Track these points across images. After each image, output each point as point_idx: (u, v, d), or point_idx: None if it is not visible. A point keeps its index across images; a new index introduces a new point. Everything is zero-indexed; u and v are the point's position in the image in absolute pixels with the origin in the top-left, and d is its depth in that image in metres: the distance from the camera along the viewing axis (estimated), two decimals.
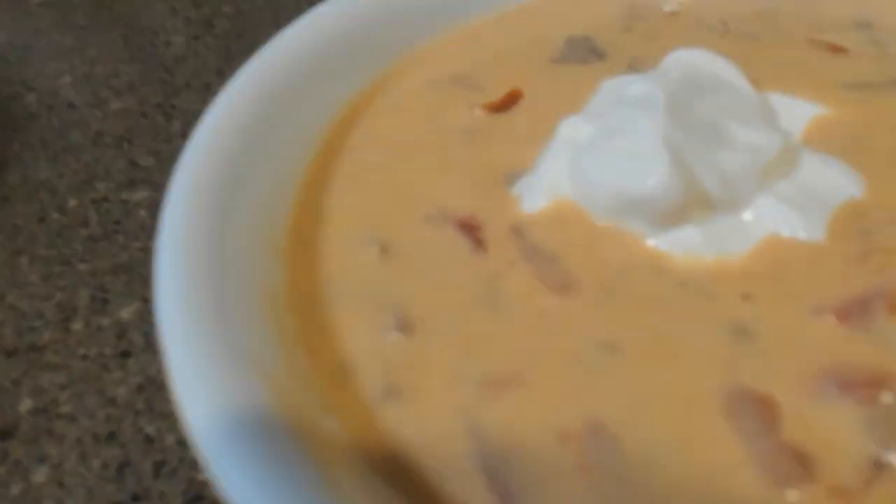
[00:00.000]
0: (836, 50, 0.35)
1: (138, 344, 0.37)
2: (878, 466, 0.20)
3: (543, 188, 0.30)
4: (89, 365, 0.36)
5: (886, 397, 0.21)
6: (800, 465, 0.20)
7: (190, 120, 0.52)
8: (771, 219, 0.27)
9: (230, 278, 0.24)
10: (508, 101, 0.36)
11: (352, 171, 0.32)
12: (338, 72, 0.36)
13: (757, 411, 0.22)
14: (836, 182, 0.28)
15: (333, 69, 0.36)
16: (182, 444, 0.32)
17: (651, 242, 0.27)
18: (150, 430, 0.33)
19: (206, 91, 0.55)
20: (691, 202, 0.27)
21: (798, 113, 0.33)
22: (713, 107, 0.30)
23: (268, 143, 0.31)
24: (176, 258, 0.23)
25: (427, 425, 0.22)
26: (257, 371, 0.21)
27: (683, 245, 0.27)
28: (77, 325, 0.39)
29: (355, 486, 0.19)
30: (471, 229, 0.29)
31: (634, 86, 0.31)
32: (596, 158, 0.28)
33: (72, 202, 0.46)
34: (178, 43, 0.63)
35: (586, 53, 0.39)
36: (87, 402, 0.34)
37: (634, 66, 0.37)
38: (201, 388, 0.20)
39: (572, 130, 0.31)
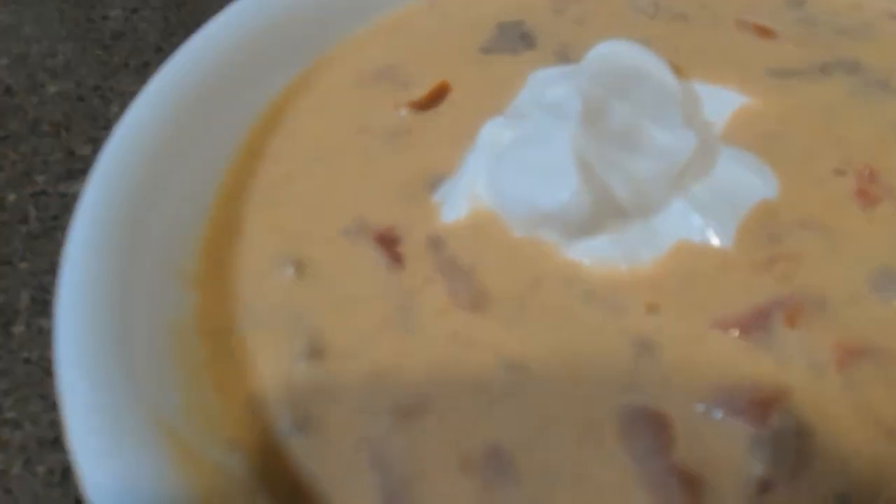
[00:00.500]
0: (764, 32, 0.35)
1: None
2: (764, 489, 0.21)
3: (463, 197, 0.30)
4: (32, 369, 0.37)
5: (775, 417, 0.22)
6: (688, 489, 0.21)
7: (128, 103, 0.51)
8: (682, 225, 0.27)
9: (135, 313, 0.24)
10: (435, 98, 0.35)
11: (271, 180, 0.32)
12: (258, 71, 0.35)
13: (652, 432, 0.22)
14: (749, 183, 0.29)
15: (253, 69, 0.35)
16: None
17: (565, 253, 0.28)
18: None
19: (145, 70, 0.53)
20: (604, 212, 0.27)
21: (722, 103, 0.32)
22: (631, 107, 0.30)
23: (182, 156, 0.31)
24: (76, 297, 0.23)
25: (333, 458, 0.23)
26: (156, 424, 0.22)
27: (596, 255, 0.27)
28: (19, 328, 0.39)
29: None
30: (389, 243, 0.29)
31: (553, 89, 0.30)
32: (511, 169, 0.28)
33: (11, 197, 0.45)
34: (116, 16, 0.61)
35: (516, 41, 0.38)
36: (31, 408, 0.35)
37: (563, 53, 0.36)
38: (96, 449, 0.20)
39: (493, 135, 0.30)
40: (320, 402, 0.24)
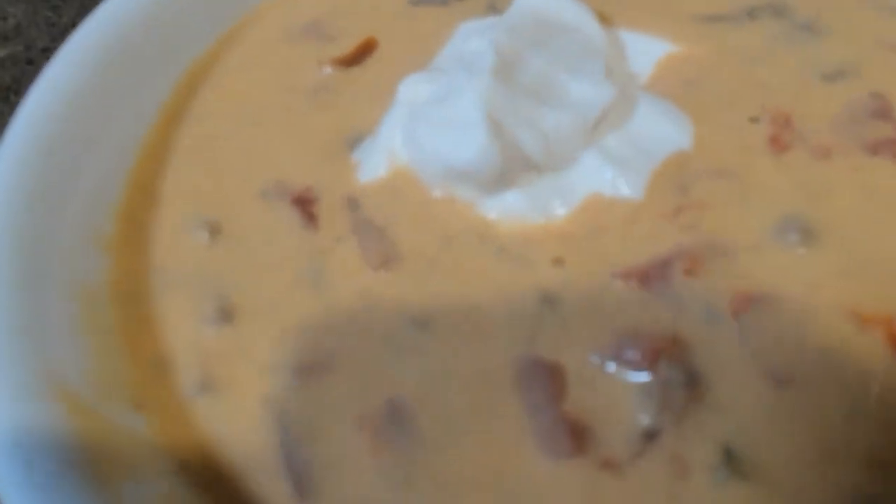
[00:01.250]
0: None
1: None
2: (649, 438, 0.22)
3: (380, 156, 0.29)
4: None
5: (664, 366, 0.22)
6: (575, 438, 0.22)
7: None
8: (594, 178, 0.27)
9: (47, 277, 0.25)
10: (361, 53, 0.35)
11: (193, 142, 0.31)
12: (184, 28, 0.34)
13: (546, 382, 0.23)
14: (665, 134, 0.28)
15: (179, 25, 0.34)
16: None
17: (480, 211, 0.27)
18: None
19: None
20: (515, 167, 0.27)
21: (649, 50, 0.32)
22: (548, 59, 0.29)
23: (102, 117, 0.30)
24: None
25: (236, 418, 0.23)
26: (57, 389, 0.22)
27: (510, 211, 0.27)
28: None
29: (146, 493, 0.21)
30: (305, 204, 0.29)
31: (470, 42, 0.30)
32: (425, 126, 0.28)
33: None
34: None
35: None
36: None
37: (493, 5, 0.36)
38: None
39: (410, 92, 0.30)
40: (226, 362, 0.24)
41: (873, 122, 0.27)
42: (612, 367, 0.23)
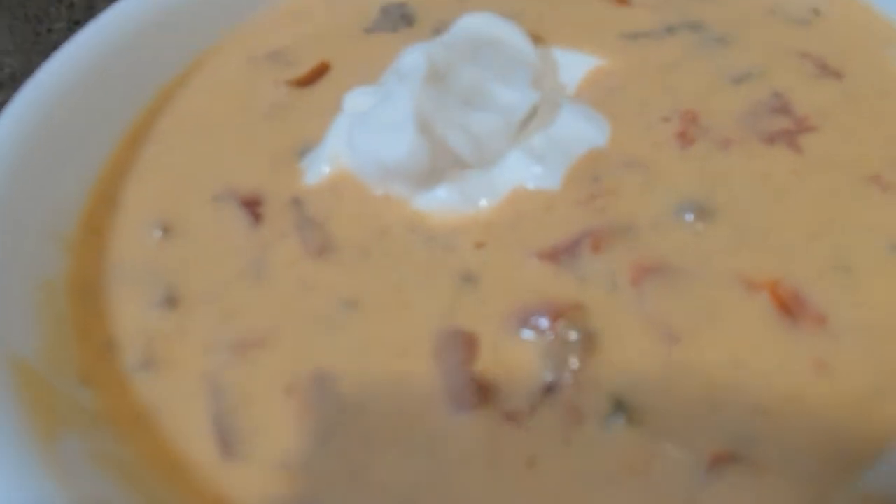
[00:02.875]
0: (620, 2, 0.37)
1: None
2: (548, 392, 0.24)
3: (325, 160, 0.32)
4: None
5: (563, 326, 0.25)
6: (482, 394, 0.24)
7: None
8: (518, 172, 0.30)
9: (9, 270, 0.27)
10: (315, 75, 0.38)
11: (155, 156, 0.35)
12: (154, 55, 0.38)
13: (460, 349, 0.25)
14: (583, 133, 0.31)
15: (148, 53, 0.38)
16: None
17: (413, 204, 0.30)
18: None
19: None
20: (444, 164, 0.30)
21: (577, 65, 0.35)
22: (480, 71, 0.32)
23: (71, 135, 0.33)
24: None
25: (174, 390, 0.26)
26: (11, 361, 0.24)
27: (440, 203, 0.30)
28: None
29: (87, 449, 0.23)
30: (252, 205, 0.32)
31: (406, 57, 0.33)
32: (363, 130, 0.31)
33: None
34: (60, 29, 0.65)
35: (397, 21, 0.41)
36: None
37: (440, 29, 0.39)
38: None
39: (354, 102, 0.33)
40: (168, 343, 0.27)
41: (773, 116, 0.30)
42: (519, 333, 0.25)
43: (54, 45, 0.61)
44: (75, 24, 0.64)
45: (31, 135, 0.32)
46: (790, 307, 0.24)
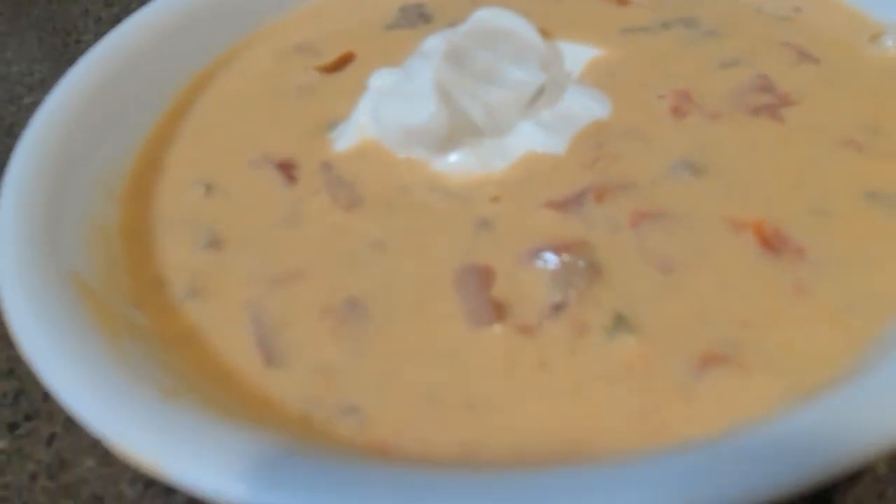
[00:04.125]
0: (622, 2, 0.42)
1: None
2: (556, 309, 0.27)
3: (352, 130, 0.36)
4: None
5: (570, 258, 0.28)
6: (497, 311, 0.27)
7: None
8: (528, 139, 0.34)
9: (67, 212, 0.31)
10: (341, 63, 0.42)
11: (195, 128, 0.38)
12: (193, 43, 0.42)
13: (478, 278, 0.28)
14: (588, 107, 0.35)
15: (189, 40, 0.42)
16: None
17: (433, 166, 0.34)
18: None
19: None
20: (462, 130, 0.34)
21: (580, 55, 0.39)
22: (494, 54, 0.37)
23: (121, 106, 0.37)
24: (17, 198, 0.30)
25: (218, 315, 0.29)
26: (77, 286, 0.28)
27: (458, 165, 0.34)
28: None
29: (146, 356, 0.26)
30: (286, 168, 0.35)
31: (428, 41, 0.37)
32: (388, 101, 0.35)
33: None
34: (88, 41, 0.70)
35: (415, 20, 0.45)
36: None
37: (455, 25, 0.44)
38: (23, 296, 0.26)
39: (379, 81, 0.37)
40: (212, 277, 0.30)
41: (757, 93, 0.34)
42: (531, 263, 0.28)
43: (83, 54, 0.66)
44: (103, 36, 0.69)
45: (87, 102, 0.36)
46: (772, 242, 0.28)
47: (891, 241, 0.27)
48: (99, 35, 0.72)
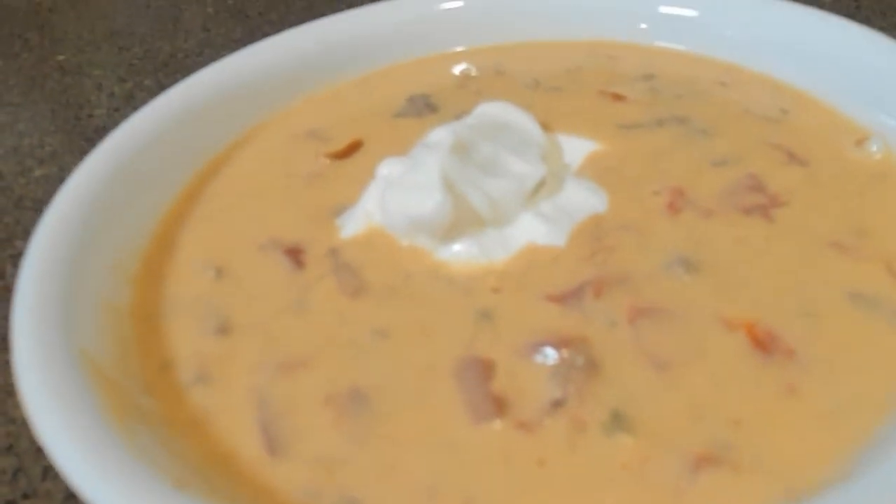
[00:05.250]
0: (618, 98, 0.44)
1: None
2: (555, 405, 0.28)
3: (359, 217, 0.38)
4: None
5: (570, 353, 0.29)
6: (497, 406, 0.28)
7: None
8: (529, 231, 0.36)
9: (81, 295, 0.32)
10: (350, 150, 0.45)
11: (207, 211, 0.40)
12: (208, 128, 0.44)
13: (478, 371, 0.29)
14: (586, 200, 0.37)
15: (204, 126, 0.44)
16: None
17: (436, 255, 0.36)
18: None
19: None
20: (465, 221, 0.36)
21: (578, 148, 0.42)
22: (497, 146, 0.39)
23: (137, 189, 0.39)
24: (35, 277, 0.31)
25: (224, 401, 0.30)
26: (89, 367, 0.29)
27: (460, 254, 0.35)
28: None
29: (154, 442, 0.27)
30: (295, 253, 0.37)
31: (435, 132, 0.39)
32: (395, 190, 0.37)
33: None
34: (100, 114, 0.73)
35: (422, 109, 0.48)
36: None
37: (460, 116, 0.46)
38: (38, 381, 0.27)
39: (387, 169, 0.39)
40: (220, 363, 0.31)
41: (748, 193, 0.36)
42: (531, 358, 0.30)
43: (95, 128, 0.69)
44: (115, 111, 0.72)
45: (106, 183, 0.38)
46: (764, 343, 0.29)
47: (874, 345, 0.29)
48: (111, 109, 0.75)
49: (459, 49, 0.51)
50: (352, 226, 0.38)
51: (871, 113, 0.39)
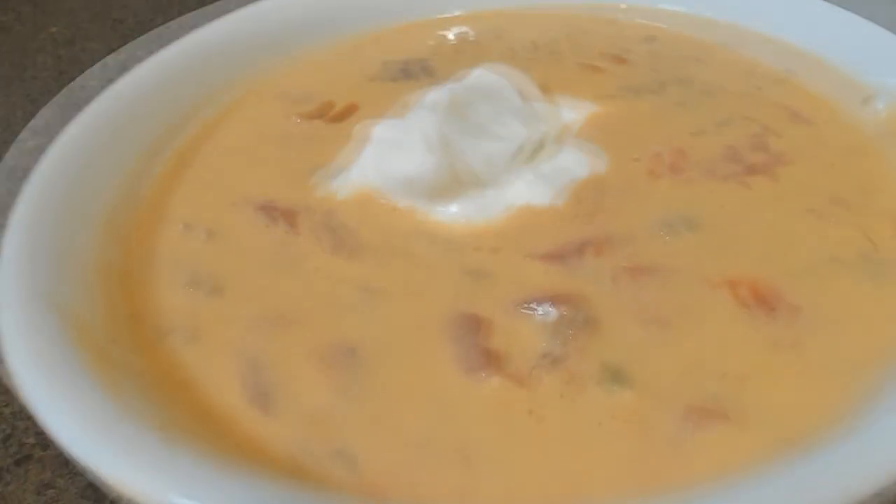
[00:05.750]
0: (620, 61, 0.44)
1: None
2: (546, 358, 0.28)
3: (353, 178, 0.38)
4: None
5: (566, 310, 0.29)
6: (490, 359, 0.28)
7: None
8: (526, 192, 0.35)
9: (68, 257, 0.32)
10: (345, 113, 0.44)
11: (198, 174, 0.40)
12: (199, 91, 0.44)
13: (468, 326, 0.29)
14: (584, 162, 0.36)
15: (195, 88, 0.44)
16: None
17: (432, 215, 0.35)
18: None
19: None
20: (462, 181, 0.35)
21: (578, 111, 0.41)
22: (493, 108, 0.38)
23: (124, 151, 0.39)
24: (20, 237, 0.31)
25: (214, 359, 0.29)
26: (77, 327, 0.29)
27: (457, 215, 0.35)
28: None
29: (142, 399, 0.27)
30: (289, 215, 0.36)
31: (431, 94, 0.39)
32: (391, 151, 0.37)
33: None
34: (94, 87, 0.72)
35: (419, 72, 0.47)
36: None
37: (457, 80, 0.46)
38: (21, 338, 0.27)
39: (382, 132, 0.39)
40: (210, 322, 0.31)
41: (752, 152, 0.36)
42: (527, 314, 0.29)
43: (87, 100, 0.68)
44: (108, 82, 0.71)
45: (92, 146, 0.37)
46: (762, 300, 0.29)
47: (875, 303, 0.29)
48: (105, 81, 0.75)
49: (458, 13, 0.50)
50: (345, 187, 0.37)
51: (877, 73, 0.39)
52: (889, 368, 0.26)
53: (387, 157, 0.36)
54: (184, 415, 0.27)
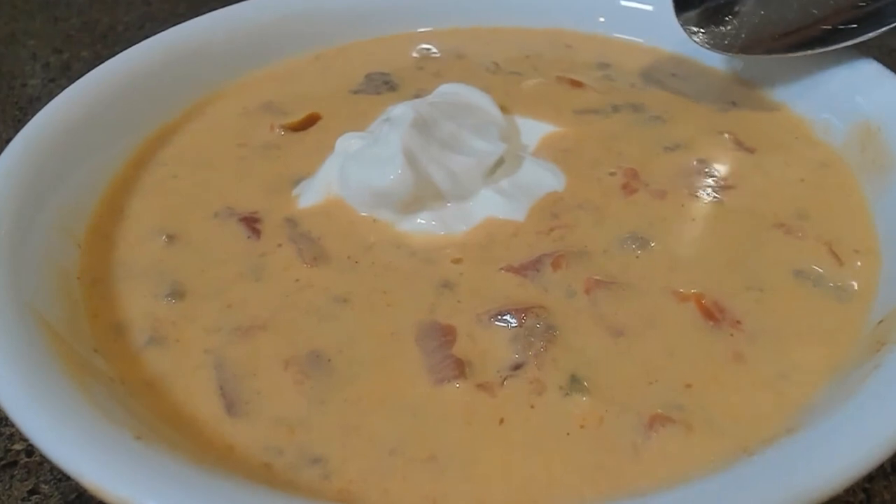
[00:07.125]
0: (576, 84, 0.46)
1: None
2: (515, 368, 0.29)
3: (318, 188, 0.38)
4: None
5: (529, 320, 0.30)
6: (458, 368, 0.29)
7: None
8: (489, 205, 0.37)
9: (30, 259, 0.31)
10: (307, 123, 0.45)
11: (159, 178, 0.40)
12: (160, 94, 0.44)
13: (439, 337, 0.30)
14: (544, 179, 0.38)
15: (156, 91, 0.44)
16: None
17: (397, 227, 0.36)
18: None
19: None
20: (426, 194, 0.36)
21: (535, 130, 0.43)
22: (456, 124, 0.40)
23: (85, 153, 0.38)
24: None
25: (180, 363, 0.30)
26: (42, 328, 0.28)
27: (421, 227, 0.36)
28: None
29: (110, 399, 0.27)
30: (251, 222, 0.37)
31: (396, 108, 0.40)
32: (356, 164, 0.37)
33: None
34: (34, 85, 0.70)
35: (381, 87, 0.48)
36: None
37: (419, 95, 0.47)
38: None
39: (346, 144, 0.40)
40: (174, 326, 0.31)
41: (697, 176, 0.38)
42: (492, 324, 0.31)
43: (28, 98, 0.66)
44: (50, 81, 0.70)
45: (51, 146, 0.37)
46: (712, 313, 0.31)
47: (814, 318, 0.31)
48: (46, 80, 0.73)
49: (421, 30, 0.52)
50: (310, 196, 0.38)
51: (814, 106, 0.42)
52: (834, 377, 0.28)
53: (351, 169, 0.37)
54: (152, 415, 0.28)
